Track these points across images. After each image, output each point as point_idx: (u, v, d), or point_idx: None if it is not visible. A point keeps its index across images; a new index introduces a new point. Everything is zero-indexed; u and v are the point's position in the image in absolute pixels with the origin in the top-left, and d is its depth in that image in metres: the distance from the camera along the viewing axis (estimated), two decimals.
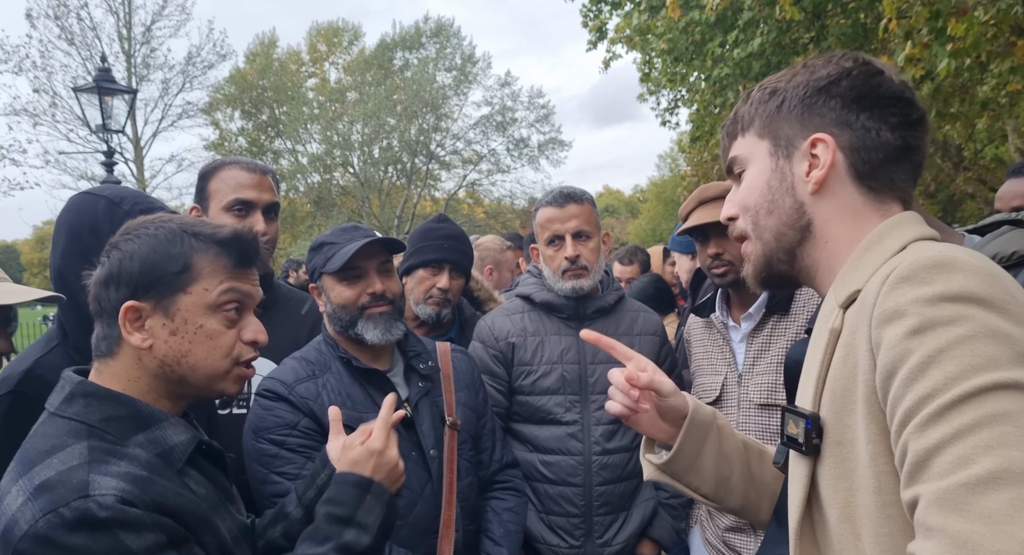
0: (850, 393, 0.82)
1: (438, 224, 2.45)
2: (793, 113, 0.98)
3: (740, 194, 1.04)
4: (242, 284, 1.17)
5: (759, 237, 1.01)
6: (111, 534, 0.93)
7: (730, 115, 1.08)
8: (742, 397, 2.01)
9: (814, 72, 0.98)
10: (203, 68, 22.80)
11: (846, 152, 0.94)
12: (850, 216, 0.95)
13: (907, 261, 0.78)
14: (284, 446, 1.65)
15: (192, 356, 1.12)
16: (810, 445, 0.87)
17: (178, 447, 1.10)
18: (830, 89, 0.95)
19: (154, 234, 1.13)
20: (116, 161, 9.91)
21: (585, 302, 2.25)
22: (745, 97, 1.05)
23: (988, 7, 5.70)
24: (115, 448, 1.03)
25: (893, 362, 0.73)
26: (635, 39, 9.73)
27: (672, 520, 2.25)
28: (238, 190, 1.96)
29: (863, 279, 0.87)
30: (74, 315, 1.51)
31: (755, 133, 1.02)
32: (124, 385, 1.11)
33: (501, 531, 1.90)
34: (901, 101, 0.94)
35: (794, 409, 0.91)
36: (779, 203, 0.98)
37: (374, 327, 1.76)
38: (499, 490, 2.01)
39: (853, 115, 0.94)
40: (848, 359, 0.83)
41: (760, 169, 1.01)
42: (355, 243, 1.74)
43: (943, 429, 0.67)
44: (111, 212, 1.50)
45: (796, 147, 0.97)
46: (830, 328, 0.88)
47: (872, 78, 0.95)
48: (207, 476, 1.16)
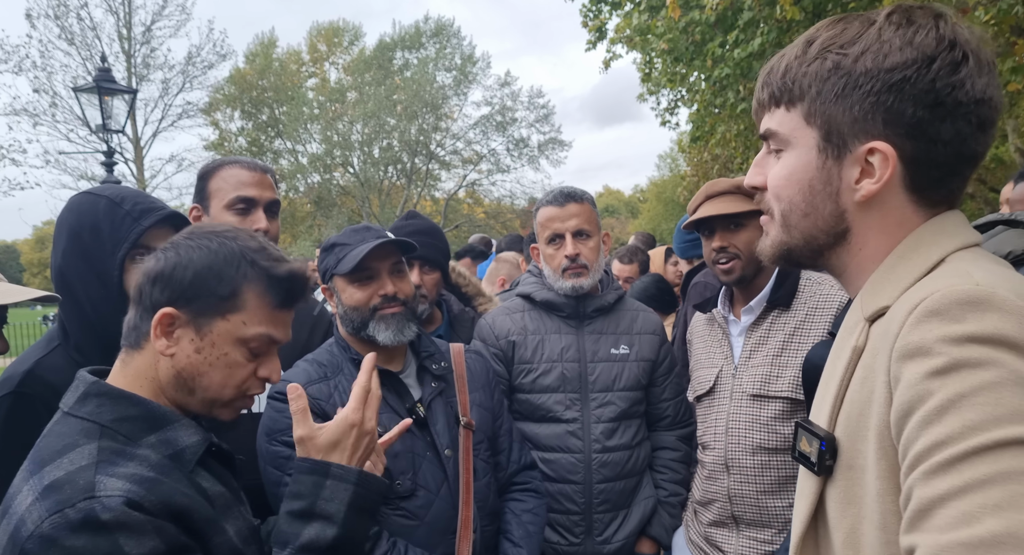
0: (864, 419, 0.78)
1: (407, 221, 2.43)
2: (855, 108, 0.82)
3: (775, 179, 0.92)
4: (277, 331, 1.17)
5: (787, 231, 0.92)
6: (111, 538, 0.93)
7: (778, 68, 0.90)
8: (735, 389, 2.02)
9: (888, 55, 0.80)
10: (203, 68, 22.81)
11: (907, 164, 0.82)
12: (895, 225, 0.85)
13: (939, 292, 0.71)
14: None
15: (207, 378, 1.13)
16: (822, 466, 0.83)
17: (189, 448, 1.11)
18: (903, 88, 0.80)
19: (216, 250, 1.12)
20: (116, 161, 9.91)
21: (585, 301, 2.26)
22: (801, 53, 0.87)
23: (988, 7, 5.70)
24: (125, 449, 1.04)
25: (911, 402, 0.68)
26: (635, 39, 9.73)
27: (671, 519, 2.25)
28: (240, 188, 1.96)
29: (893, 294, 0.80)
30: (75, 315, 1.51)
31: (803, 114, 0.87)
32: (142, 383, 1.12)
33: (520, 532, 1.88)
34: (981, 104, 0.81)
35: (809, 427, 0.87)
36: (819, 207, 0.87)
37: (386, 328, 1.75)
38: (518, 491, 2.00)
39: (924, 125, 0.80)
40: (866, 383, 0.79)
41: (803, 162, 0.88)
42: (367, 244, 1.73)
43: (952, 480, 0.63)
44: (112, 212, 1.50)
45: (850, 149, 0.84)
46: (853, 345, 0.83)
47: (955, 74, 0.79)
48: (217, 477, 1.16)
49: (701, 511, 2.13)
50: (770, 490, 1.93)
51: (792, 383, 1.91)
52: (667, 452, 2.31)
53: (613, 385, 2.19)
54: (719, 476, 2.02)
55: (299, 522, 1.15)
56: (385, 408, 1.73)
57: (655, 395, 2.30)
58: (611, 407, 2.18)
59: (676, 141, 23.75)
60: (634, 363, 2.23)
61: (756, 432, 1.95)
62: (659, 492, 2.27)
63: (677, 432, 2.33)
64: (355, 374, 1.75)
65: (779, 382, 1.93)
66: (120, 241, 1.50)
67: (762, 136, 0.95)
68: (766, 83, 0.92)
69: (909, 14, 0.82)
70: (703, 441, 2.12)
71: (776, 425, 1.92)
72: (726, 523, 2.03)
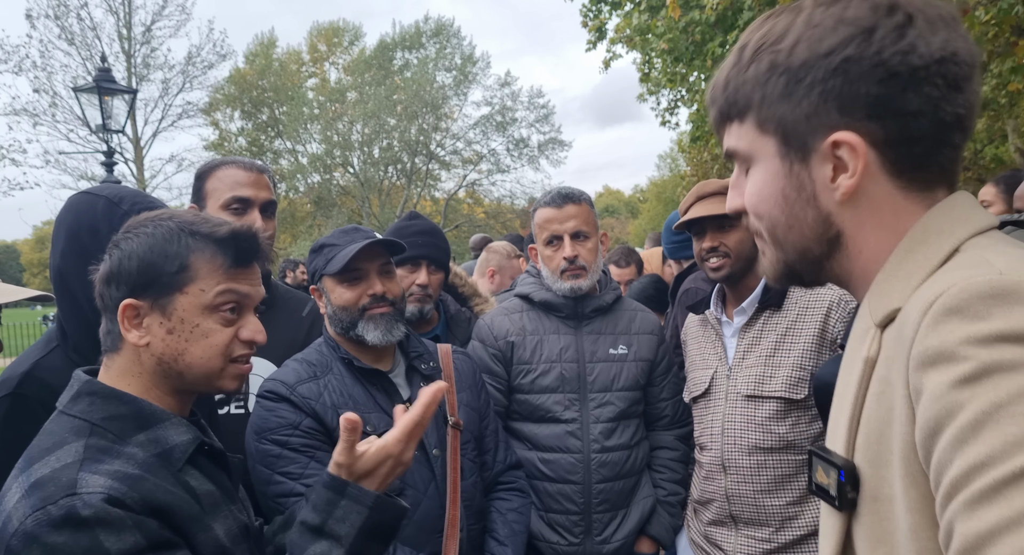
0: (886, 441, 0.68)
1: (410, 222, 2.45)
2: (803, 104, 0.75)
3: (750, 198, 0.84)
4: (239, 285, 1.17)
5: (780, 249, 0.84)
6: (91, 533, 0.94)
7: (717, 84, 0.84)
8: (730, 389, 2.03)
9: (822, 39, 0.73)
10: (203, 68, 22.82)
11: (879, 148, 0.73)
12: (889, 216, 0.76)
13: (957, 286, 0.61)
14: (287, 446, 1.65)
15: (188, 355, 1.13)
16: (844, 500, 0.72)
17: (178, 447, 1.11)
18: (847, 69, 0.72)
19: (152, 233, 1.13)
20: (116, 161, 9.91)
21: (583, 301, 2.26)
22: (736, 61, 0.81)
23: (989, 7, 5.70)
24: (112, 446, 1.05)
25: (938, 417, 0.58)
26: (635, 39, 9.73)
27: (670, 518, 2.26)
28: (235, 188, 1.97)
29: (904, 294, 0.70)
30: (74, 316, 1.51)
31: (755, 124, 0.80)
32: (129, 381, 1.13)
33: (506, 531, 1.90)
34: (943, 63, 0.70)
35: (824, 455, 0.76)
36: (800, 216, 0.79)
37: (375, 328, 1.76)
38: (503, 491, 2.02)
39: (883, 102, 0.71)
40: (883, 398, 0.69)
41: (770, 173, 0.80)
42: (355, 245, 1.74)
43: (999, 510, 0.52)
44: (110, 212, 1.49)
45: (813, 148, 0.76)
46: (865, 356, 0.72)
47: (901, 39, 0.70)
48: (208, 476, 1.16)
49: (700, 510, 2.14)
50: (767, 489, 1.95)
51: (786, 383, 1.93)
52: (666, 451, 2.32)
53: (612, 385, 2.20)
54: (716, 476, 2.03)
55: (308, 536, 1.15)
56: (374, 407, 1.74)
57: (653, 395, 2.31)
58: (610, 407, 2.18)
59: (676, 141, 23.78)
60: (632, 363, 2.23)
61: (752, 432, 1.96)
62: (658, 491, 2.28)
63: (676, 431, 2.34)
64: (344, 374, 1.77)
65: (773, 382, 1.94)
66: None
67: (727, 157, 0.88)
68: (712, 101, 0.86)
69: None
70: (700, 442, 2.13)
71: (771, 425, 1.94)
72: (725, 522, 2.04)
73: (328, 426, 1.68)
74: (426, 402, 1.21)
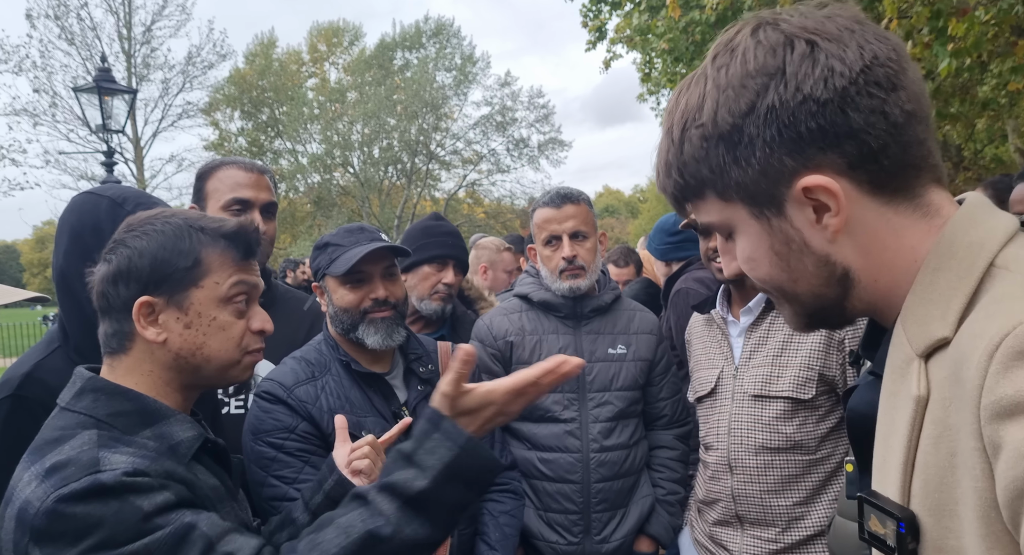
0: (948, 489, 0.63)
1: (437, 222, 2.50)
2: (752, 163, 0.72)
3: (744, 265, 0.82)
4: (249, 276, 1.20)
5: (795, 302, 0.81)
6: (120, 497, 0.95)
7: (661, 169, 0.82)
8: (737, 389, 2.03)
9: (737, 97, 0.71)
10: (203, 68, 22.85)
11: (848, 175, 0.70)
12: (889, 236, 0.72)
13: (1023, 325, 0.56)
14: (282, 450, 1.65)
15: (207, 348, 1.15)
16: (905, 551, 0.67)
17: (184, 443, 1.12)
18: (776, 117, 0.69)
19: (161, 230, 1.14)
20: (116, 161, 9.92)
21: (582, 301, 2.26)
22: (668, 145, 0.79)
23: (989, 7, 5.70)
24: (123, 437, 1.06)
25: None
26: (635, 39, 9.73)
27: (669, 517, 2.26)
28: (235, 189, 1.97)
29: (948, 321, 0.65)
30: (76, 316, 1.50)
31: (716, 197, 0.78)
32: (137, 380, 1.13)
33: (497, 535, 1.90)
34: (866, 71, 0.69)
35: (879, 504, 0.70)
36: (799, 268, 0.76)
37: (375, 332, 1.76)
38: (496, 492, 2.01)
39: (828, 131, 0.69)
40: (941, 443, 0.63)
41: (753, 236, 0.78)
42: (360, 247, 1.73)
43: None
44: (113, 212, 1.49)
45: (784, 199, 0.73)
46: (914, 396, 0.67)
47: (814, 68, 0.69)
48: (212, 473, 1.17)
49: (705, 510, 2.14)
50: (774, 489, 1.94)
51: (793, 383, 1.92)
52: (665, 451, 2.32)
53: (611, 385, 2.20)
54: (723, 476, 2.03)
55: (400, 462, 1.11)
56: (371, 410, 1.74)
57: (652, 394, 2.31)
58: (609, 407, 2.19)
59: None
60: (631, 363, 2.24)
61: (759, 432, 1.96)
62: (657, 491, 2.28)
63: (675, 431, 2.34)
64: (343, 375, 1.77)
65: (780, 382, 1.94)
66: None
67: (704, 233, 0.84)
68: (662, 188, 0.84)
69: (729, 44, 0.74)
70: (706, 441, 2.13)
71: (778, 425, 1.93)
72: (730, 522, 2.04)
73: (324, 431, 1.67)
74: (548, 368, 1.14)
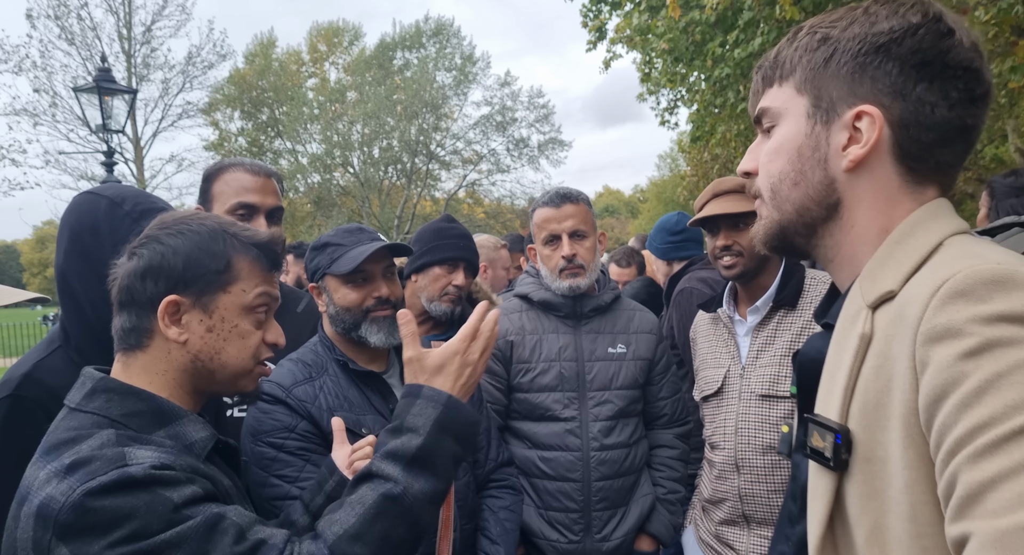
0: (883, 408, 0.75)
1: (450, 224, 2.50)
2: (842, 72, 0.84)
3: (766, 155, 0.93)
4: (273, 288, 1.21)
5: (778, 207, 0.91)
6: (149, 490, 0.95)
7: (769, 55, 0.94)
8: (744, 389, 2.03)
9: (874, 23, 0.83)
10: (203, 68, 22.83)
11: (894, 128, 0.83)
12: (884, 200, 0.85)
13: (962, 273, 0.70)
14: (283, 449, 1.65)
15: (224, 354, 1.15)
16: (839, 461, 0.80)
17: (198, 443, 1.11)
18: (890, 49, 0.82)
19: (197, 230, 1.15)
20: (116, 161, 9.92)
21: (582, 301, 2.27)
22: (791, 37, 0.91)
23: (988, 7, 5.70)
24: (139, 436, 1.06)
25: (944, 385, 0.66)
26: (635, 39, 9.73)
27: (670, 515, 2.27)
28: (241, 193, 1.95)
29: (897, 279, 0.79)
30: (76, 317, 1.50)
31: (794, 85, 0.89)
32: (151, 379, 1.13)
33: (498, 530, 1.91)
34: (968, 73, 0.82)
35: (820, 420, 0.83)
36: (808, 175, 0.88)
37: (378, 330, 1.76)
38: (495, 488, 2.02)
39: (911, 84, 0.81)
40: (882, 371, 0.76)
41: (793, 130, 0.89)
42: (364, 246, 1.74)
43: (1001, 461, 0.60)
44: (112, 212, 1.49)
45: (838, 114, 0.85)
46: (860, 333, 0.80)
47: (941, 40, 0.81)
48: (223, 473, 1.18)
49: (711, 510, 2.13)
50: (781, 489, 1.94)
51: None
52: (665, 450, 2.32)
53: (610, 384, 2.21)
54: (729, 476, 2.03)
55: (389, 436, 1.18)
56: (369, 409, 1.74)
57: (652, 393, 2.32)
58: (609, 405, 2.19)
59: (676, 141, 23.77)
60: (631, 362, 2.24)
61: (766, 432, 1.96)
62: (657, 489, 2.29)
63: (675, 430, 2.35)
64: (340, 375, 1.77)
65: (788, 382, 1.94)
66: (120, 242, 1.47)
67: (756, 120, 0.95)
68: (758, 69, 0.96)
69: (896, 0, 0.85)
70: (712, 441, 2.13)
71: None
72: (737, 522, 2.04)
73: (323, 429, 1.67)
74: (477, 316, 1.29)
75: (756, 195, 0.95)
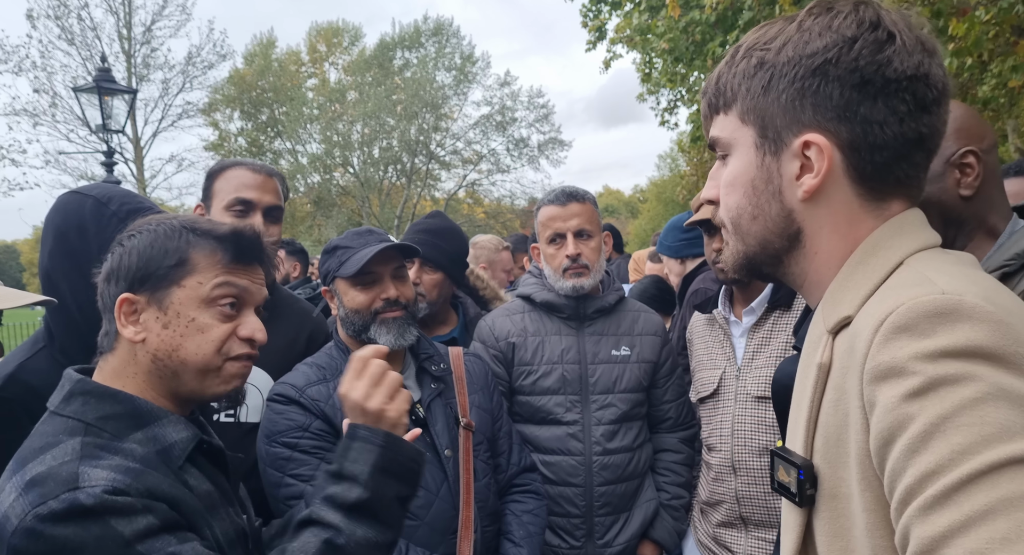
0: (843, 444, 0.73)
1: (424, 220, 2.47)
2: (783, 99, 0.81)
3: (723, 189, 0.90)
4: (239, 279, 1.15)
5: (741, 239, 0.89)
6: (101, 521, 0.92)
7: (711, 79, 0.90)
8: (739, 390, 2.02)
9: (808, 42, 0.79)
10: (203, 68, 22.83)
11: (845, 152, 0.79)
12: (845, 223, 0.81)
13: (904, 305, 0.67)
14: (297, 448, 1.66)
15: (183, 350, 1.10)
16: (804, 496, 0.78)
17: (177, 444, 1.09)
18: (827, 71, 0.78)
19: (154, 230, 1.13)
20: (116, 161, 9.91)
21: (586, 302, 2.24)
22: (729, 59, 0.88)
23: (989, 7, 5.70)
24: (110, 443, 1.03)
25: (890, 428, 0.64)
26: (635, 39, 9.72)
27: (673, 521, 2.23)
28: (240, 189, 1.95)
29: (854, 304, 0.76)
30: (60, 316, 1.48)
31: (738, 115, 0.86)
32: (123, 382, 1.11)
33: (522, 532, 1.90)
34: (915, 81, 0.77)
35: (785, 455, 0.81)
36: (764, 208, 0.85)
37: (387, 332, 1.77)
38: (518, 493, 2.01)
39: (854, 106, 0.78)
40: (839, 405, 0.74)
41: (744, 163, 0.86)
42: (370, 248, 1.74)
43: (951, 515, 0.57)
44: (98, 212, 1.48)
45: (786, 143, 0.82)
46: (818, 362, 0.78)
47: (880, 52, 0.77)
48: (207, 476, 1.14)
49: (709, 512, 2.12)
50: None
51: None
52: (669, 454, 2.29)
53: (614, 387, 2.18)
54: (726, 478, 2.02)
55: (328, 480, 1.18)
56: None
57: (657, 397, 2.29)
58: (612, 409, 2.17)
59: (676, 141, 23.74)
60: (635, 365, 2.22)
61: (762, 434, 1.95)
62: (661, 495, 2.26)
63: (679, 434, 2.32)
64: None
65: None
66: (106, 242, 1.46)
67: (710, 147, 0.93)
68: (703, 94, 0.92)
69: (829, 4, 0.81)
70: (709, 443, 2.12)
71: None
72: (734, 524, 2.03)
73: (338, 428, 1.67)
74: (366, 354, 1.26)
75: (720, 224, 0.94)
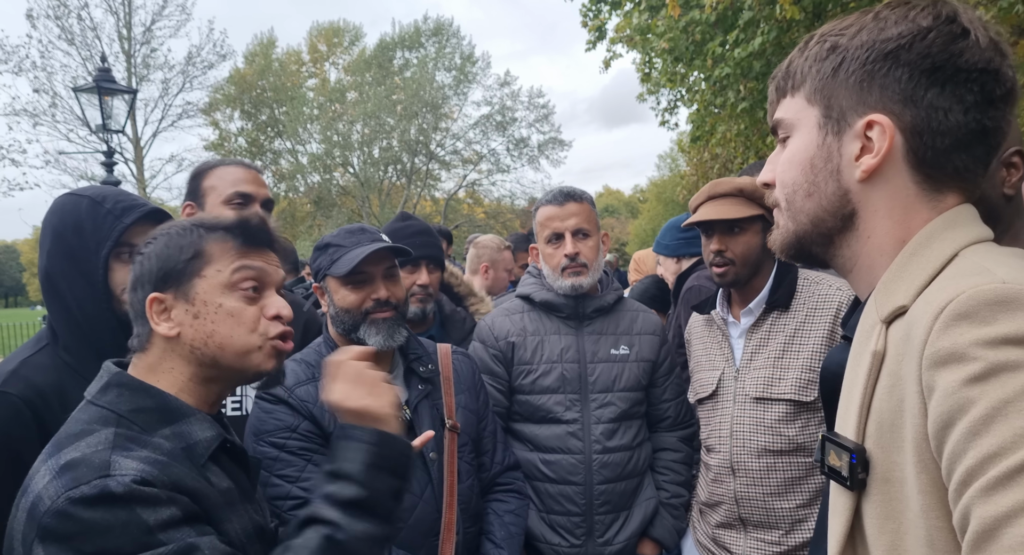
0: (898, 429, 0.74)
1: (405, 223, 2.46)
2: (851, 80, 0.83)
3: (781, 166, 0.92)
4: (254, 261, 1.20)
5: (794, 218, 0.90)
6: (127, 508, 0.96)
7: (782, 66, 0.93)
8: (738, 391, 2.02)
9: (883, 29, 0.82)
10: (203, 68, 22.80)
11: (906, 135, 0.81)
12: (900, 209, 0.83)
13: (965, 293, 0.67)
14: (284, 449, 1.65)
15: (217, 335, 1.15)
16: (855, 480, 0.79)
17: (202, 443, 1.13)
18: (898, 55, 0.80)
19: (167, 233, 1.20)
20: (116, 161, 9.91)
21: (584, 301, 2.25)
22: (803, 46, 0.90)
23: (989, 6, 5.70)
24: (140, 436, 1.08)
25: (951, 412, 0.64)
26: (635, 39, 9.72)
27: (673, 520, 2.24)
28: (237, 184, 2.02)
29: (909, 293, 0.77)
30: (62, 316, 1.52)
31: (805, 96, 0.88)
32: (159, 377, 1.16)
33: (503, 533, 1.90)
34: (985, 74, 0.79)
35: (837, 440, 0.82)
36: (821, 186, 0.87)
37: (377, 332, 1.76)
38: (501, 492, 2.01)
39: (921, 91, 0.79)
40: (894, 391, 0.75)
41: (805, 141, 0.88)
42: (362, 248, 1.73)
43: (1015, 495, 0.58)
44: (94, 211, 1.52)
45: (849, 123, 0.84)
46: (872, 350, 0.79)
47: (953, 43, 0.79)
48: (228, 474, 1.18)
49: (708, 512, 2.13)
50: (777, 492, 1.93)
51: (795, 385, 1.91)
52: (668, 453, 2.30)
53: (613, 386, 2.19)
54: (725, 478, 2.02)
55: (326, 479, 1.20)
56: None
57: (656, 396, 2.30)
58: (611, 408, 2.17)
59: (676, 141, 23.75)
60: (634, 364, 2.22)
61: (761, 435, 1.95)
62: (661, 493, 2.26)
63: (678, 433, 2.33)
64: None
65: (782, 384, 1.93)
66: (103, 239, 1.51)
67: (772, 131, 0.95)
68: (772, 79, 0.95)
69: (907, 2, 0.83)
70: (707, 443, 2.12)
71: (781, 427, 1.92)
72: (733, 524, 2.03)
73: (325, 429, 1.68)
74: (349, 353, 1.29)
75: (774, 205, 0.95)
